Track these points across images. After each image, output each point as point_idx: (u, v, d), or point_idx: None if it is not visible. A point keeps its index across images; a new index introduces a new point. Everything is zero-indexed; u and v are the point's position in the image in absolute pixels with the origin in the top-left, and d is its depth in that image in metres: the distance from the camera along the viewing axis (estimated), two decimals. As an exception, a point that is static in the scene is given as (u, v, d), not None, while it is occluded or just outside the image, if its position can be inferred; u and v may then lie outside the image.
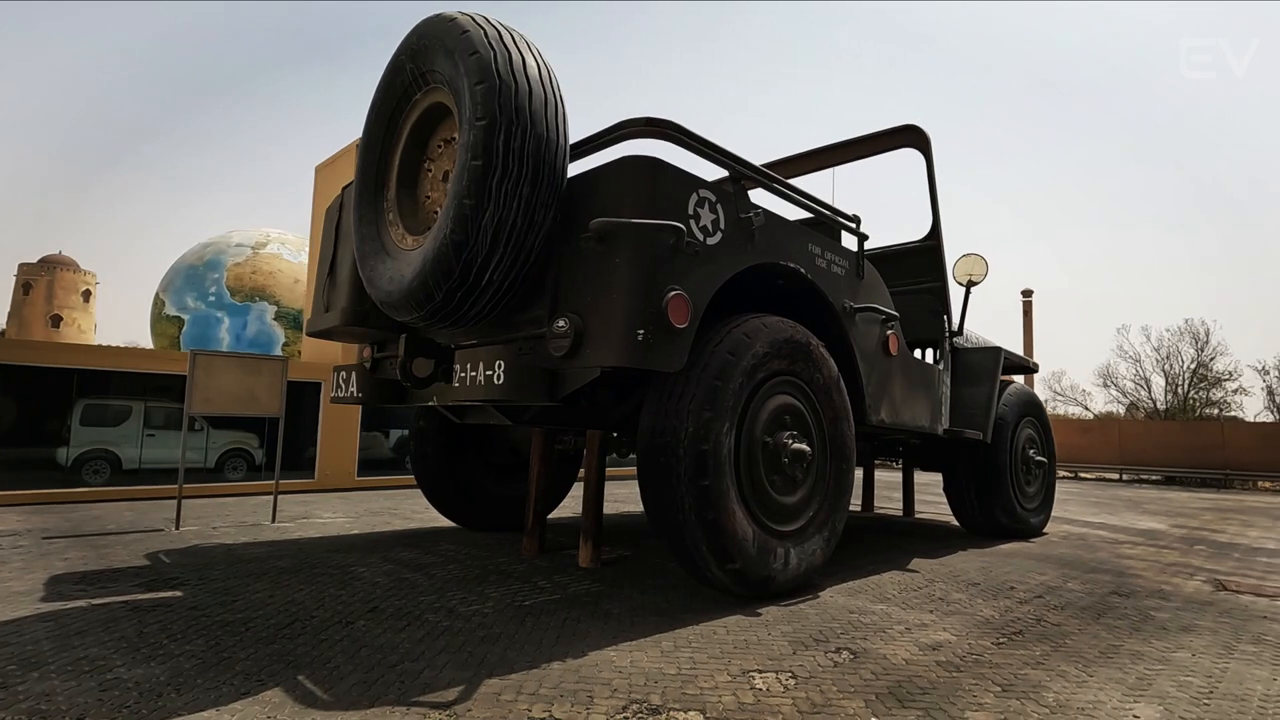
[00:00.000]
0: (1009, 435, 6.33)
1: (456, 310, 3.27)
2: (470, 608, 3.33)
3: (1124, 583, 4.52)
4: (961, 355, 6.37)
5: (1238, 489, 17.21)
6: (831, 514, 4.05)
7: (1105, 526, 7.76)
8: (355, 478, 8.86)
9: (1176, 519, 8.94)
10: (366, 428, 9.15)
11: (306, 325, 4.55)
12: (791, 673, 2.57)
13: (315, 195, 10.29)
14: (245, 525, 5.69)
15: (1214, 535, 7.36)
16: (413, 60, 3.48)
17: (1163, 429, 19.43)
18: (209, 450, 7.89)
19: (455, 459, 5.47)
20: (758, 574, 3.50)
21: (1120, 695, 2.46)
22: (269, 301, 18.33)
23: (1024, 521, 6.44)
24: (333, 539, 5.16)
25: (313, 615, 3.11)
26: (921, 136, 5.89)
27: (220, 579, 3.76)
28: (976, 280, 5.98)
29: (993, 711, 2.27)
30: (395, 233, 3.67)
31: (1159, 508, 10.61)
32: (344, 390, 4.50)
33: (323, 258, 4.59)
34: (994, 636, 3.14)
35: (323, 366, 8.69)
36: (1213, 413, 24.17)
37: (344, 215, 4.40)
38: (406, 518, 6.48)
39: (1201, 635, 3.31)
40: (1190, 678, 2.69)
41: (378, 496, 8.20)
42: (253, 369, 5.75)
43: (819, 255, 4.20)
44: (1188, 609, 3.84)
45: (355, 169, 3.94)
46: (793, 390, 3.89)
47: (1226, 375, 25.48)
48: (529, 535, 4.82)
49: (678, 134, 3.37)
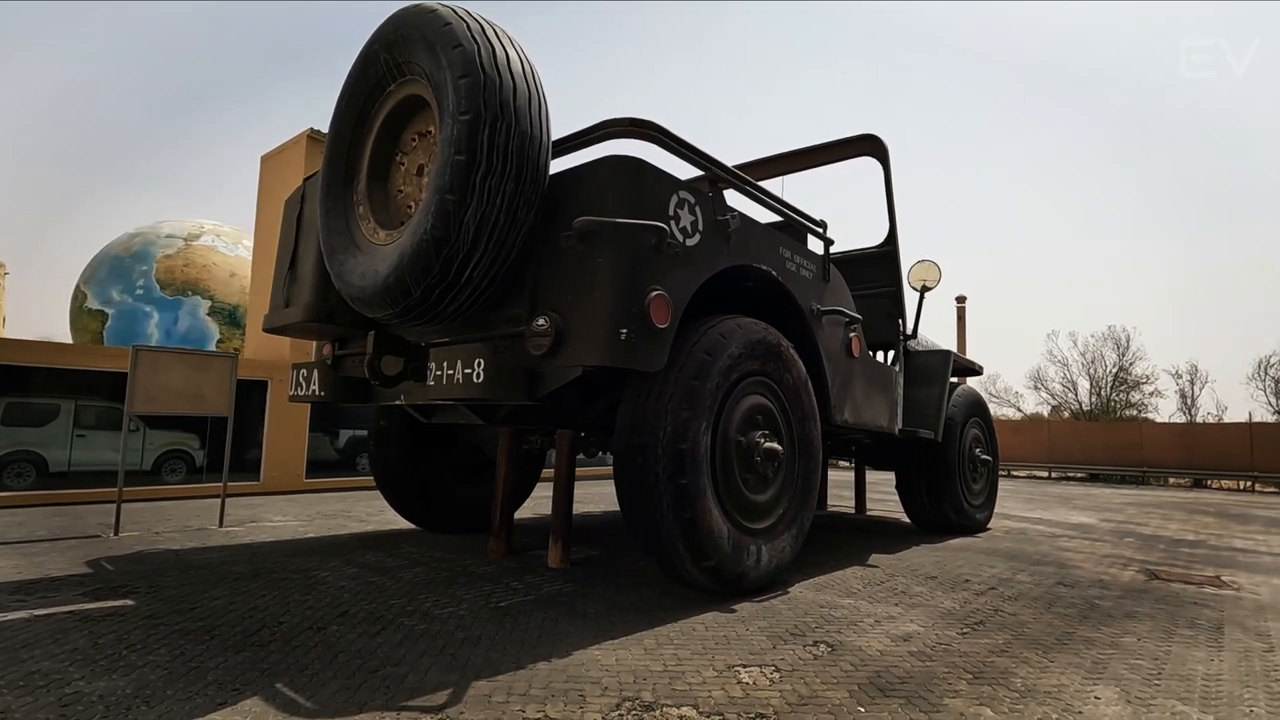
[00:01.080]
0: (958, 435, 6.61)
1: (434, 307, 3.21)
2: (444, 610, 3.27)
3: (1067, 574, 4.77)
4: (914, 358, 6.61)
5: (1153, 485, 18.41)
6: (800, 511, 4.14)
7: (1042, 521, 8.18)
8: (303, 479, 8.55)
9: (1104, 514, 9.50)
10: (315, 428, 8.84)
11: (264, 320, 4.37)
12: (775, 666, 2.62)
13: (261, 186, 9.88)
14: (190, 530, 5.42)
15: (1139, 529, 7.85)
16: (388, 50, 3.40)
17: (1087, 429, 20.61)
18: (145, 451, 7.48)
19: (417, 460, 5.35)
20: (732, 571, 3.55)
21: (1080, 679, 2.61)
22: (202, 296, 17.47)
23: (971, 518, 6.73)
24: (288, 543, 4.97)
25: (280, 621, 2.99)
26: (879, 146, 6.08)
27: (174, 586, 3.57)
28: (930, 286, 6.22)
29: (968, 698, 2.37)
30: (366, 226, 3.57)
31: (1087, 503, 11.24)
32: (304, 389, 4.34)
33: (282, 251, 4.43)
34: (958, 627, 3.28)
35: (268, 364, 8.36)
36: (1132, 414, 25.81)
37: (306, 207, 4.25)
38: (362, 520, 6.30)
39: (1143, 621, 3.54)
40: (1139, 660, 2.87)
41: (328, 499, 7.93)
42: (200, 366, 5.48)
43: (789, 259, 4.29)
44: (1127, 597, 4.09)
45: (322, 160, 3.82)
46: (764, 390, 3.96)
47: (1144, 379, 27.26)
48: (496, 536, 4.76)
49: (660, 135, 3.39)
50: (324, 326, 4.10)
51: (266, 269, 9.75)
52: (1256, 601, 4.14)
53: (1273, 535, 7.69)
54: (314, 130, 8.80)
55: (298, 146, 9.03)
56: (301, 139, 8.88)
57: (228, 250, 18.19)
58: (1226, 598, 4.21)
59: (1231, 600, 4.14)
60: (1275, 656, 3.02)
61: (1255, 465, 16.85)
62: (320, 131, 8.84)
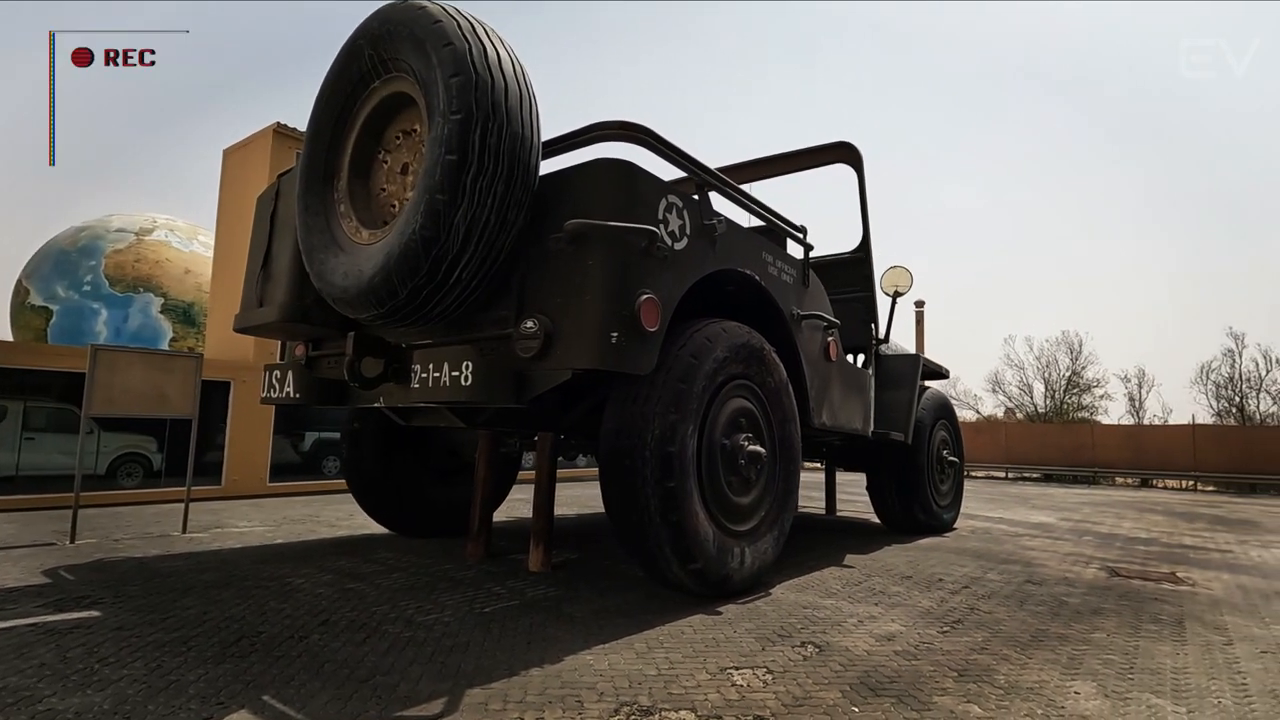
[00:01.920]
0: (926, 437, 6.76)
1: (421, 308, 3.15)
2: (429, 616, 3.21)
3: (1034, 572, 4.93)
4: (885, 361, 6.74)
5: (1103, 484, 19.13)
6: (780, 513, 4.19)
7: (1004, 521, 8.42)
8: (267, 484, 8.31)
9: (1061, 513, 9.83)
10: (280, 430, 8.60)
11: (235, 320, 4.24)
12: (766, 668, 2.64)
13: (223, 180, 9.58)
14: (151, 536, 5.22)
15: (1096, 527, 8.15)
16: (373, 46, 3.33)
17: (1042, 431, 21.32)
18: (100, 455, 7.17)
19: (392, 463, 5.25)
20: (717, 573, 3.57)
21: (1059, 674, 2.70)
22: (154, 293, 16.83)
23: (938, 518, 6.90)
24: (258, 549, 4.82)
25: (259, 631, 2.90)
26: (854, 153, 6.19)
27: (140, 596, 3.44)
28: (903, 291, 6.36)
29: (956, 696, 2.43)
30: (348, 225, 3.49)
31: (1044, 503, 11.61)
32: (277, 390, 4.22)
33: (254, 249, 4.30)
34: (938, 626, 3.35)
35: (231, 365, 8.11)
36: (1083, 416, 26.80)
37: (280, 204, 4.14)
38: (332, 525, 6.15)
39: (1109, 617, 3.67)
40: (1111, 655, 2.98)
41: (294, 503, 7.72)
42: (162, 367, 5.29)
43: (771, 263, 4.34)
44: (1092, 594, 4.24)
45: (300, 156, 3.72)
46: (747, 394, 4.00)
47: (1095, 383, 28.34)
48: (474, 540, 4.70)
49: (651, 139, 3.39)
50: (299, 326, 4.00)
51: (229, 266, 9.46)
52: (1211, 596, 4.33)
53: (1218, 533, 8.06)
54: (280, 124, 8.57)
55: (263, 140, 8.78)
56: (267, 133, 8.64)
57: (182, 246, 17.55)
58: (1183, 593, 4.40)
59: (1188, 596, 4.33)
60: (1234, 649, 3.17)
61: (1197, 465, 17.64)
62: (287, 125, 8.63)
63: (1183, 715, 2.34)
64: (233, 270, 9.32)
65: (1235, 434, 19.34)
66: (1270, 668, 2.91)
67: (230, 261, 9.47)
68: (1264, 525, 9.20)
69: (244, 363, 8.27)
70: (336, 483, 9.13)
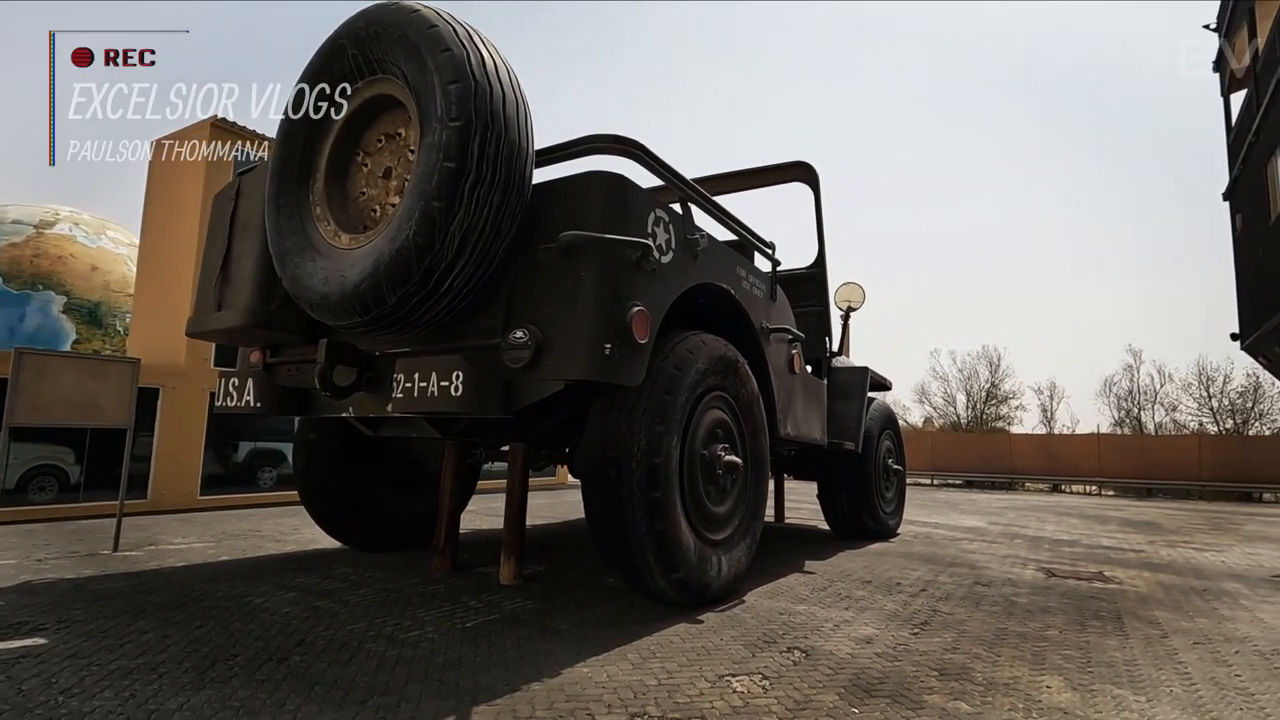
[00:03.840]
0: (874, 446, 7.04)
1: (408, 317, 3.08)
2: (410, 633, 3.12)
3: (980, 574, 5.21)
4: (836, 373, 6.99)
5: (1018, 490, 20.35)
6: (752, 522, 4.28)
7: (941, 526, 8.85)
8: (198, 497, 7.83)
9: (989, 517, 10.40)
10: (212, 440, 8.13)
11: (189, 324, 4.01)
12: (761, 674, 2.70)
13: (151, 174, 9.02)
14: (79, 555, 4.83)
15: (1023, 530, 8.67)
16: (357, 46, 3.24)
17: (964, 439, 22.52)
18: (9, 467, 6.58)
19: (349, 475, 5.06)
20: (698, 582, 3.62)
21: (1029, 670, 2.87)
22: (56, 291, 15.59)
23: (885, 524, 7.19)
24: (204, 567, 4.54)
25: (232, 654, 2.75)
26: (811, 172, 6.43)
27: (86, 620, 3.19)
28: (855, 306, 6.62)
29: (943, 694, 2.56)
30: (325, 229, 3.37)
31: (971, 508, 12.26)
32: (236, 399, 4.01)
33: (212, 250, 4.08)
34: (908, 628, 3.51)
35: (160, 370, 7.62)
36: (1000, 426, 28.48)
37: (242, 204, 3.96)
38: (278, 540, 5.86)
39: (1057, 615, 3.93)
40: (1068, 651, 3.20)
41: (228, 517, 7.30)
42: (95, 372, 4.93)
43: (744, 277, 4.45)
44: (1037, 594, 4.52)
45: (271, 156, 3.57)
46: (723, 405, 4.08)
47: (1011, 394, 30.18)
48: (440, 554, 4.58)
49: (642, 154, 3.44)
50: (263, 332, 3.82)
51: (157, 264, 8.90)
52: (1138, 593, 4.70)
53: (1129, 534, 8.72)
54: (219, 118, 8.15)
55: (198, 133, 8.31)
56: (204, 126, 8.19)
57: (89, 241, 16.31)
58: (1114, 591, 4.75)
59: (1118, 593, 4.68)
60: (1171, 641, 3.46)
61: (1102, 472, 19.04)
62: (226, 120, 8.21)
63: (1144, 704, 2.55)
64: (161, 268, 8.77)
65: (1134, 443, 20.99)
66: (1204, 657, 3.19)
67: (158, 259, 8.92)
68: (1165, 526, 10.02)
69: (174, 368, 7.78)
70: (273, 495, 8.71)
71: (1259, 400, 25.67)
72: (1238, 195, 9.44)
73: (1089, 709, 2.46)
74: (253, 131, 8.48)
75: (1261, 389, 25.44)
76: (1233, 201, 9.72)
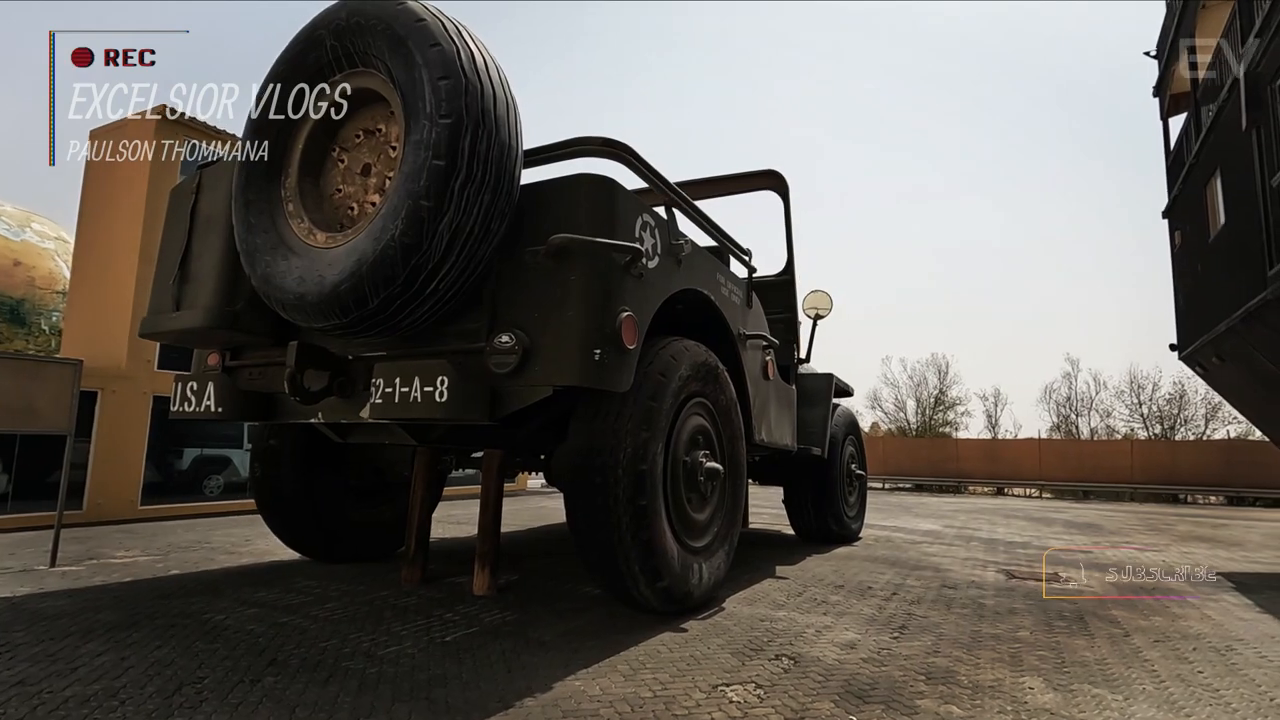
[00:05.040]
0: (839, 451, 7.16)
1: (390, 319, 2.96)
2: (388, 650, 3.00)
3: (945, 577, 5.34)
4: (803, 380, 7.09)
5: (965, 493, 21.05)
6: (730, 528, 4.28)
7: (899, 529, 9.06)
8: (138, 507, 7.40)
9: (943, 520, 10.71)
10: (154, 447, 7.70)
11: (143, 325, 3.77)
12: (755, 683, 2.69)
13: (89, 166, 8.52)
14: (12, 571, 4.49)
15: (976, 533, 8.95)
16: (336, 38, 3.11)
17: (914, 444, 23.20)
18: (-72, 477, 6.09)
19: (311, 483, 4.85)
20: (681, 590, 3.60)
21: (1009, 672, 2.94)
22: (-27, 287, 14.61)
23: (848, 528, 7.31)
24: (154, 583, 4.28)
25: (199, 677, 2.58)
26: (781, 181, 6.51)
27: (31, 643, 2.95)
28: (823, 314, 6.72)
29: (933, 698, 2.59)
30: (299, 226, 3.23)
31: (924, 511, 12.61)
32: (195, 404, 3.80)
33: (168, 247, 3.86)
34: (888, 632, 3.55)
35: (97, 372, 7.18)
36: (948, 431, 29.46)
37: (203, 200, 3.76)
38: (230, 552, 5.58)
39: (1025, 616, 4.05)
40: (1042, 651, 3.29)
41: (172, 528, 6.92)
42: (33, 375, 4.61)
43: (723, 284, 4.46)
44: (1001, 596, 4.65)
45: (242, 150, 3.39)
46: (703, 411, 4.07)
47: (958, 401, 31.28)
48: (410, 564, 4.43)
49: (632, 159, 3.41)
50: (226, 333, 3.63)
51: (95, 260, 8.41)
52: (1094, 594, 4.88)
53: (1074, 535, 9.10)
54: (166, 108, 7.76)
55: (143, 126, 7.89)
56: (150, 119, 7.78)
57: (11, 234, 15.29)
58: (1069, 591, 4.93)
59: (1075, 593, 4.86)
60: (1133, 640, 3.59)
61: (1043, 474, 19.87)
62: (174, 110, 7.82)
63: (1122, 703, 2.63)
64: (100, 265, 8.30)
65: (1072, 447, 21.99)
66: (1167, 655, 3.33)
67: (97, 255, 8.43)
68: (1106, 528, 10.50)
69: (114, 370, 7.35)
70: (219, 505, 8.32)
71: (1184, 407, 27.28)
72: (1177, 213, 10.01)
73: (1073, 709, 2.53)
74: (206, 124, 8.10)
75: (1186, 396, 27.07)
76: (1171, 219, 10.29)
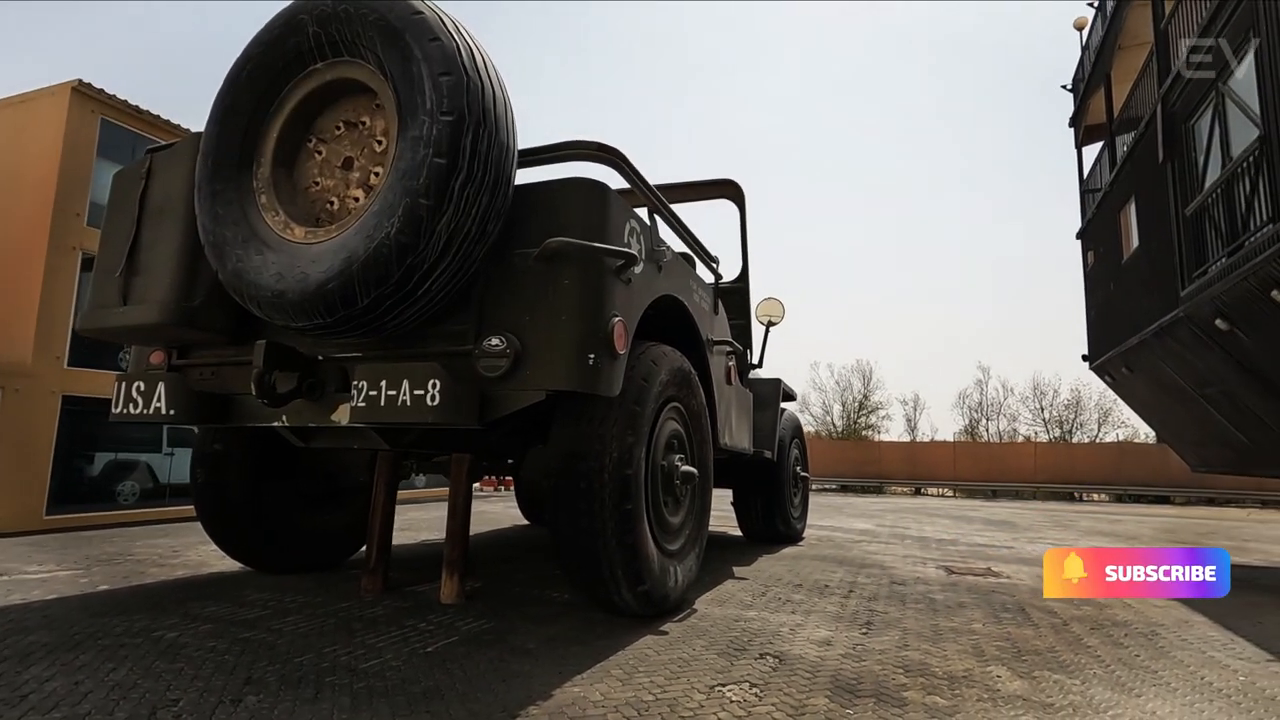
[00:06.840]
0: (786, 454, 7.39)
1: (376, 320, 2.86)
2: (370, 663, 2.88)
3: (891, 574, 5.60)
4: (754, 385, 7.27)
5: (886, 493, 22.08)
6: (699, 531, 4.35)
7: (837, 529, 9.43)
8: (44, 517, 6.77)
9: (873, 519, 11.20)
10: (61, 451, 7.07)
11: (83, 320, 3.47)
12: (749, 682, 2.76)
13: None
14: (-90, 591, 4.03)
15: (908, 531, 9.42)
16: (320, 24, 2.97)
17: (840, 446, 24.13)
18: None
19: (258, 490, 4.58)
20: (660, 593, 3.63)
21: (976, 662, 3.13)
22: None
23: (794, 528, 7.56)
24: (85, 599, 3.94)
25: (172, 699, 2.41)
26: (737, 190, 6.68)
27: (-39, 670, 2.67)
28: (775, 321, 6.91)
29: (916, 689, 2.73)
30: (274, 220, 3.06)
31: (854, 511, 13.15)
32: (142, 405, 3.52)
33: (112, 237, 3.58)
34: (857, 629, 3.71)
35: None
36: (870, 434, 30.83)
37: (155, 186, 3.51)
38: (161, 564, 5.19)
39: (974, 610, 4.31)
40: (1000, 642, 3.52)
41: (86, 539, 6.37)
42: (-62, 372, 4.14)
43: (695, 290, 4.54)
44: (948, 591, 4.93)
45: (205, 136, 3.19)
46: (678, 416, 4.12)
47: (880, 405, 32.78)
48: (370, 573, 4.26)
49: (622, 164, 3.42)
50: (183, 331, 3.40)
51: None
52: (1027, 586, 5.24)
53: (994, 532, 9.73)
54: (81, 82, 7.15)
55: (52, 100, 7.24)
56: (61, 91, 7.14)
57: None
58: (1006, 584, 5.28)
59: (1011, 586, 5.20)
60: (1072, 628, 3.89)
61: (957, 475, 21.09)
62: (90, 85, 7.21)
63: (1080, 686, 2.86)
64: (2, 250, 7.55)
65: (983, 449, 23.45)
66: (1105, 641, 3.63)
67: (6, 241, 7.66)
68: (1019, 524, 11.27)
69: (18, 367, 6.71)
70: (135, 514, 7.73)
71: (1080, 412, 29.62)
72: (1090, 235, 10.91)
73: (1042, 695, 2.73)
74: (124, 102, 7.52)
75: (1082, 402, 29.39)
76: (1085, 240, 11.21)
